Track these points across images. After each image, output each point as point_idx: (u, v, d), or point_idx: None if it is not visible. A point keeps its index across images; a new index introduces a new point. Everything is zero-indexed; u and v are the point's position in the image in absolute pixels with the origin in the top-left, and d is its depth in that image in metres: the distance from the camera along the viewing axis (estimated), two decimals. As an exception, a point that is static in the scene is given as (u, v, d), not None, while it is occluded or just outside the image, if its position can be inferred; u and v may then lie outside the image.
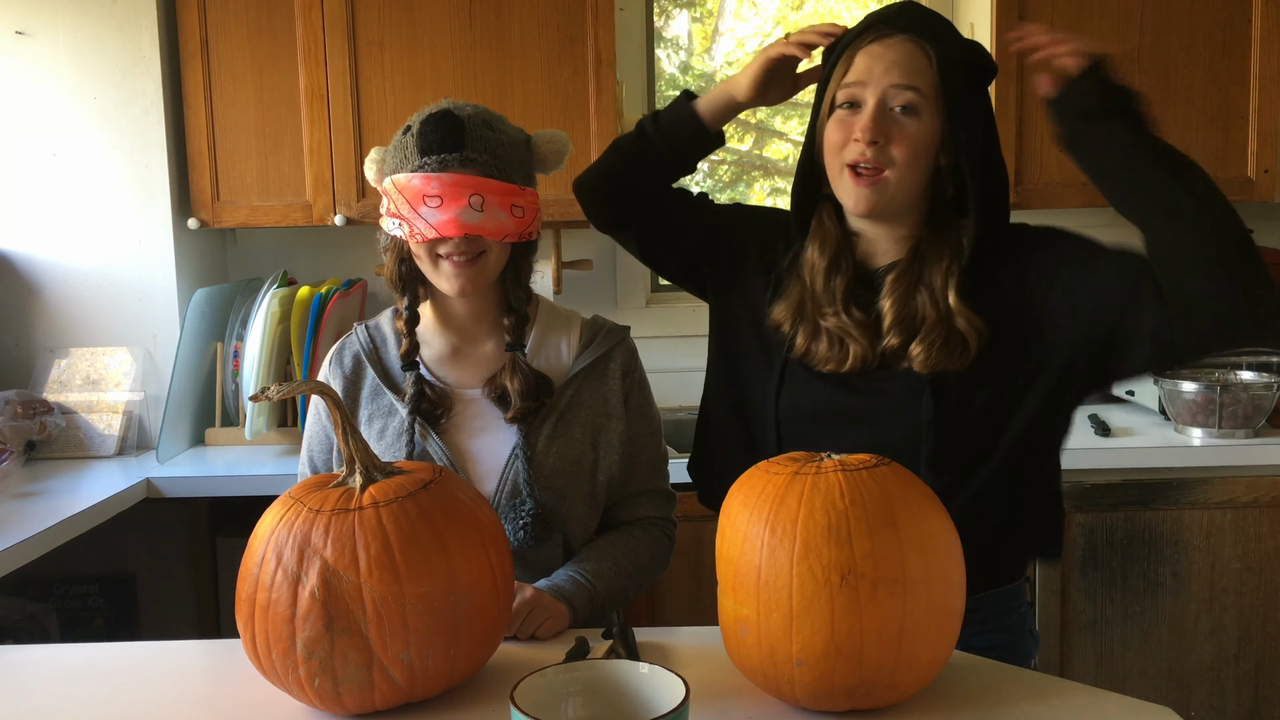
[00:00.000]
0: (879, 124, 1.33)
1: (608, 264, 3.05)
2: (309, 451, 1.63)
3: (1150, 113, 1.29)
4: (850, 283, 1.42)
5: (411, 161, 1.47)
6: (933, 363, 1.35)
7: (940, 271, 1.38)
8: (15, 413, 2.49)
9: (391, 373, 1.59)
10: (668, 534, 1.65)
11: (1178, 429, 2.52)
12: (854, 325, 1.39)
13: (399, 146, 1.51)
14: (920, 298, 1.38)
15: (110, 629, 2.74)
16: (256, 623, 1.15)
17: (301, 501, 1.18)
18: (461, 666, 1.19)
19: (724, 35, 3.31)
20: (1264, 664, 2.45)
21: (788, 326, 1.45)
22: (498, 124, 1.52)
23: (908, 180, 1.36)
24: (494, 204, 1.46)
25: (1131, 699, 1.19)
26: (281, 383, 1.22)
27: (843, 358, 1.40)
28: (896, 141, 1.34)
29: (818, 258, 1.44)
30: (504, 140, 1.50)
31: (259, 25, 2.62)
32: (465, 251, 1.47)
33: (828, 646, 1.08)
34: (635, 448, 1.61)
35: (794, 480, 1.13)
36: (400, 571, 1.12)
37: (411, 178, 1.46)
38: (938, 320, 1.36)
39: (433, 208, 1.45)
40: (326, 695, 1.15)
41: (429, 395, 1.55)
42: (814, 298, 1.43)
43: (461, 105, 1.51)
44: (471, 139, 1.46)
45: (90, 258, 2.68)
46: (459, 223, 1.44)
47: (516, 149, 1.53)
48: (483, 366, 1.59)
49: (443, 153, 1.45)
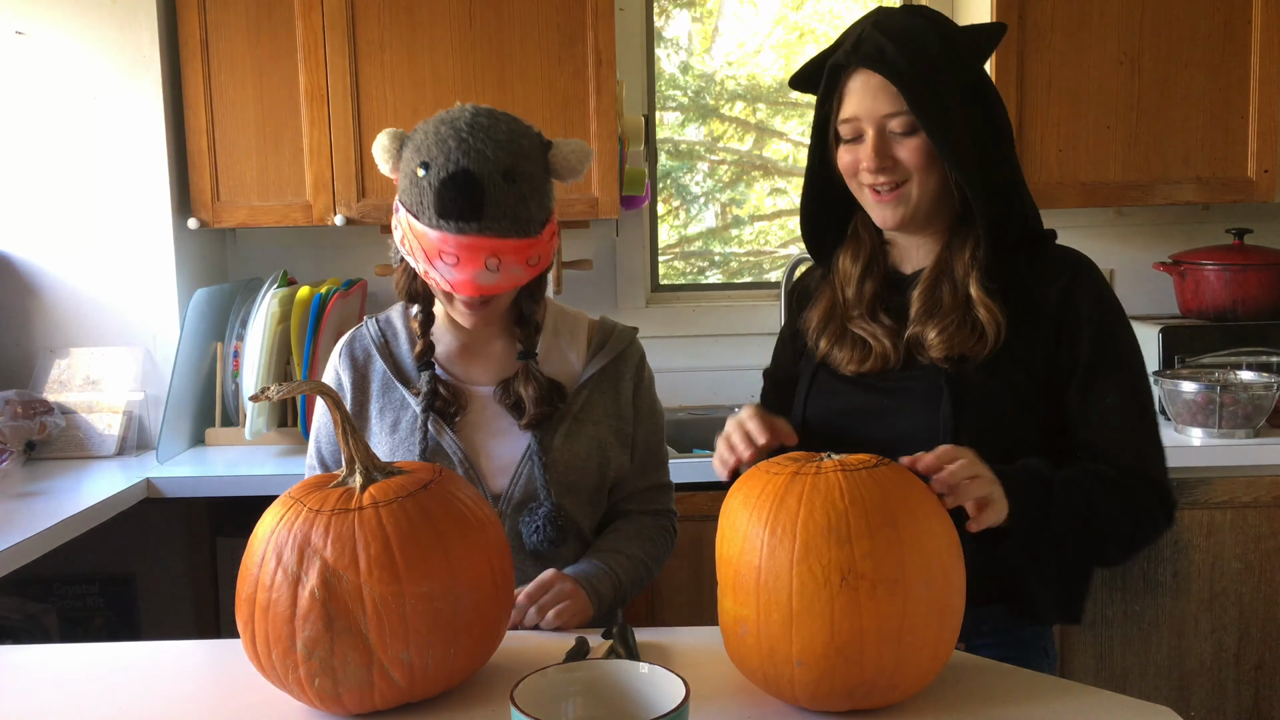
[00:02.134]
0: (882, 151, 1.37)
1: (608, 264, 3.05)
2: (317, 444, 1.65)
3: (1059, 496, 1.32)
4: (880, 287, 1.46)
5: (428, 215, 1.43)
6: (948, 346, 1.37)
7: (963, 264, 1.41)
8: (15, 413, 2.49)
9: (403, 366, 1.62)
10: (672, 525, 1.72)
11: (1178, 429, 2.52)
12: (880, 329, 1.43)
13: (415, 184, 1.44)
14: (944, 287, 1.41)
15: (110, 629, 2.74)
16: (256, 623, 1.15)
17: (301, 502, 1.18)
18: (461, 666, 1.19)
19: (724, 35, 3.31)
20: (1264, 664, 2.45)
21: (815, 331, 1.49)
22: (519, 166, 1.44)
23: (928, 186, 1.39)
24: (510, 263, 1.45)
25: (1131, 699, 1.19)
26: (281, 383, 1.22)
27: (864, 357, 1.43)
28: (905, 157, 1.37)
29: (850, 265, 1.48)
30: (524, 193, 1.45)
31: (259, 25, 2.62)
32: (478, 302, 1.50)
33: (828, 647, 1.08)
34: (643, 445, 1.66)
35: (794, 480, 1.13)
36: (400, 571, 1.12)
37: (428, 230, 1.44)
38: (954, 305, 1.38)
39: (448, 264, 1.44)
40: (326, 695, 1.15)
41: (443, 394, 1.57)
42: (844, 302, 1.47)
43: (481, 148, 1.42)
44: (490, 204, 1.42)
45: (90, 258, 2.68)
46: (474, 284, 1.45)
47: (536, 188, 1.47)
48: (493, 363, 1.62)
49: (460, 220, 1.42)
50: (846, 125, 1.39)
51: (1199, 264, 2.76)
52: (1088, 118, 2.64)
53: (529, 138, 1.49)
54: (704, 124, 3.37)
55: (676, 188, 3.40)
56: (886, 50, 1.34)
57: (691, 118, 3.36)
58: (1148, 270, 2.98)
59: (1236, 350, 2.63)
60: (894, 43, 1.34)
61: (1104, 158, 2.66)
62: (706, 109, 3.35)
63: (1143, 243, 3.01)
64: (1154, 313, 2.98)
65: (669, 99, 3.32)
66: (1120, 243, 3.02)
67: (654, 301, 3.11)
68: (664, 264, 3.28)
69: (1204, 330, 2.67)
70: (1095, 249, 2.97)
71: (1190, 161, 2.65)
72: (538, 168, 1.48)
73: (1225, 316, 2.72)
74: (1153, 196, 2.67)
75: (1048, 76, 2.63)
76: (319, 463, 1.65)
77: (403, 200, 1.48)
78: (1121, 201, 2.68)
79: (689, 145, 3.39)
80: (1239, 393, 2.44)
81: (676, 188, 3.40)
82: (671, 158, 3.37)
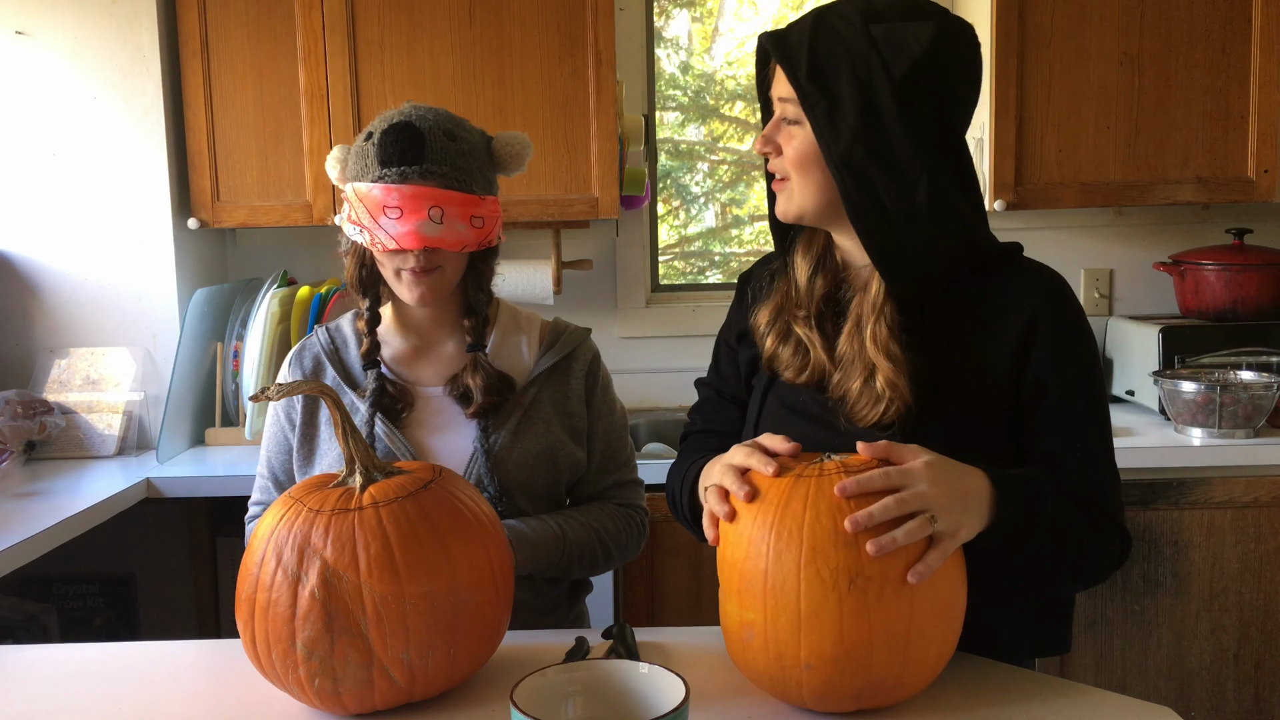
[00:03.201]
0: (769, 134, 1.30)
1: (608, 264, 3.05)
2: (267, 453, 1.65)
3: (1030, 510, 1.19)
4: (831, 287, 1.36)
5: (372, 171, 1.49)
6: (866, 422, 1.25)
7: (869, 304, 1.27)
8: (15, 413, 2.49)
9: (352, 372, 1.62)
10: (640, 520, 1.69)
11: (1178, 429, 2.52)
12: (818, 338, 1.31)
13: (360, 153, 1.52)
14: (853, 341, 1.28)
15: (110, 629, 2.74)
16: (256, 623, 1.15)
17: (301, 501, 1.18)
18: (461, 666, 1.19)
19: (724, 35, 3.31)
20: (1264, 664, 2.45)
21: (765, 328, 1.39)
22: (459, 132, 1.52)
23: (808, 186, 1.28)
24: (453, 216, 1.48)
25: (1131, 699, 1.19)
26: (281, 383, 1.22)
27: (802, 367, 1.33)
28: (786, 149, 1.28)
29: (802, 259, 1.39)
30: (464, 150, 1.51)
31: (259, 25, 2.62)
32: (424, 264, 1.50)
33: (837, 649, 1.08)
34: (602, 443, 1.66)
35: (797, 483, 1.12)
36: (400, 571, 1.12)
37: (372, 188, 1.48)
38: (863, 380, 1.26)
39: (393, 219, 1.47)
40: (326, 695, 1.15)
41: (390, 391, 1.57)
42: (794, 297, 1.37)
43: (424, 114, 1.51)
44: (431, 151, 1.47)
45: (90, 257, 2.68)
46: (418, 235, 1.46)
47: (477, 157, 1.53)
48: (443, 366, 1.62)
49: (402, 165, 1.47)
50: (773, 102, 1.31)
51: (1199, 264, 2.76)
52: (1088, 118, 2.64)
53: (470, 127, 1.56)
54: (704, 124, 3.38)
55: (676, 188, 3.41)
56: (791, 35, 1.25)
57: (691, 118, 3.36)
58: (1148, 270, 2.98)
59: (1236, 350, 2.63)
60: (807, 31, 1.24)
61: (1104, 157, 2.66)
62: (706, 109, 3.35)
63: (1142, 243, 3.02)
64: (1154, 313, 2.98)
65: (669, 99, 3.32)
66: (1120, 243, 3.02)
67: (654, 301, 3.11)
68: (664, 264, 3.28)
69: (1204, 330, 2.67)
70: (1095, 249, 3.02)
71: (1190, 161, 2.65)
72: (479, 145, 1.55)
73: (1225, 316, 2.72)
74: (1152, 196, 2.67)
75: (1048, 76, 2.63)
76: (269, 475, 1.64)
77: (349, 175, 1.54)
78: (1121, 201, 2.68)
79: (689, 145, 3.39)
80: (1239, 393, 2.44)
81: (676, 188, 3.41)
82: (671, 158, 3.37)
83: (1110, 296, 3.04)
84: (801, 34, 1.24)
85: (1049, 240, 2.99)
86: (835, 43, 1.22)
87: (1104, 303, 3.04)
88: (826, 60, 1.22)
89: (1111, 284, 3.04)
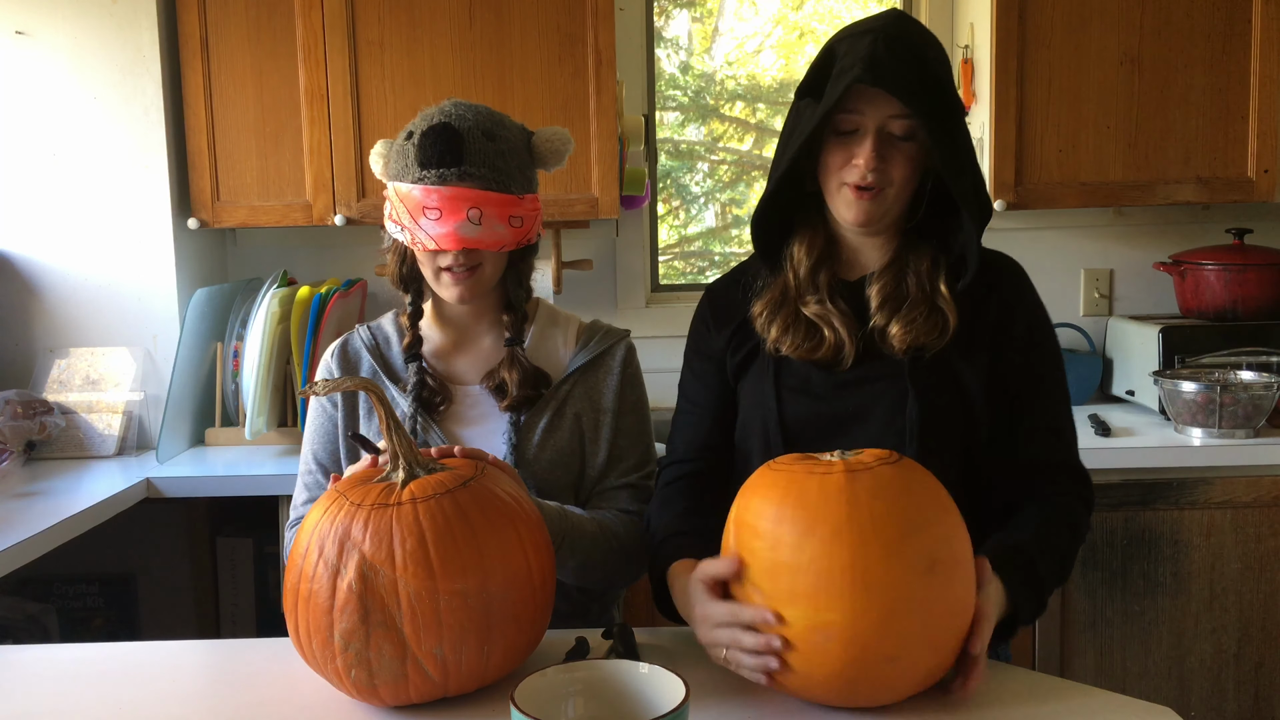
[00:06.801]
0: (879, 150, 1.37)
1: (608, 264, 3.05)
2: (311, 447, 1.65)
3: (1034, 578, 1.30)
4: (833, 280, 1.46)
5: (412, 172, 1.50)
6: (912, 336, 1.39)
7: (926, 260, 1.44)
8: (15, 413, 2.49)
9: (394, 367, 1.64)
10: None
11: (1178, 429, 2.52)
12: (836, 314, 1.42)
13: (401, 153, 1.53)
14: (909, 280, 1.44)
15: (110, 629, 2.74)
16: (299, 612, 1.18)
17: (345, 496, 1.21)
18: (496, 664, 1.20)
19: (724, 35, 3.31)
20: (1264, 664, 2.45)
21: (765, 320, 1.46)
22: (498, 130, 1.53)
23: (904, 196, 1.41)
24: (492, 216, 1.49)
25: (1131, 699, 1.19)
26: (327, 379, 1.24)
27: (815, 346, 1.42)
28: (896, 163, 1.38)
29: (803, 254, 1.47)
30: (503, 150, 1.52)
31: (259, 25, 2.62)
32: (463, 264, 1.52)
33: (920, 637, 1.10)
34: (623, 440, 1.64)
35: (849, 479, 1.12)
36: (434, 568, 1.14)
37: (412, 189, 1.50)
38: (921, 298, 1.41)
39: (432, 219, 1.48)
40: (363, 686, 1.17)
41: (429, 384, 1.59)
42: (797, 287, 1.46)
43: (463, 112, 1.52)
44: (470, 153, 1.49)
45: (90, 258, 2.68)
46: (457, 236, 1.48)
47: (516, 155, 1.54)
48: (481, 361, 1.64)
49: (441, 167, 1.48)
50: (846, 118, 1.37)
51: (1199, 264, 2.76)
52: (1088, 118, 2.64)
53: (510, 123, 1.57)
54: (704, 124, 3.38)
55: (676, 188, 3.41)
56: (898, 69, 1.33)
57: (691, 118, 3.36)
58: (1148, 270, 2.98)
59: (1236, 350, 2.63)
60: (903, 64, 1.33)
61: (1104, 158, 2.66)
62: (706, 109, 3.35)
63: (1143, 243, 3.01)
64: (1154, 313, 2.98)
65: (669, 99, 3.32)
66: (1120, 243, 3.02)
67: (654, 301, 3.11)
68: (664, 264, 3.28)
69: (1204, 330, 2.67)
70: (1095, 249, 3.02)
71: (1190, 161, 2.65)
72: (519, 143, 1.56)
73: (1225, 316, 2.72)
74: (1153, 196, 2.67)
75: (1048, 76, 2.63)
76: (316, 466, 1.64)
77: (390, 173, 1.55)
78: (1121, 201, 2.68)
79: (689, 145, 3.39)
80: (1239, 393, 2.44)
81: (676, 188, 3.41)
82: (671, 158, 3.37)
83: (1110, 296, 3.04)
84: (898, 62, 1.33)
85: (1049, 240, 2.99)
86: (930, 66, 1.36)
87: (1104, 303, 3.03)
88: (934, 84, 1.35)
89: (1111, 284, 3.04)
